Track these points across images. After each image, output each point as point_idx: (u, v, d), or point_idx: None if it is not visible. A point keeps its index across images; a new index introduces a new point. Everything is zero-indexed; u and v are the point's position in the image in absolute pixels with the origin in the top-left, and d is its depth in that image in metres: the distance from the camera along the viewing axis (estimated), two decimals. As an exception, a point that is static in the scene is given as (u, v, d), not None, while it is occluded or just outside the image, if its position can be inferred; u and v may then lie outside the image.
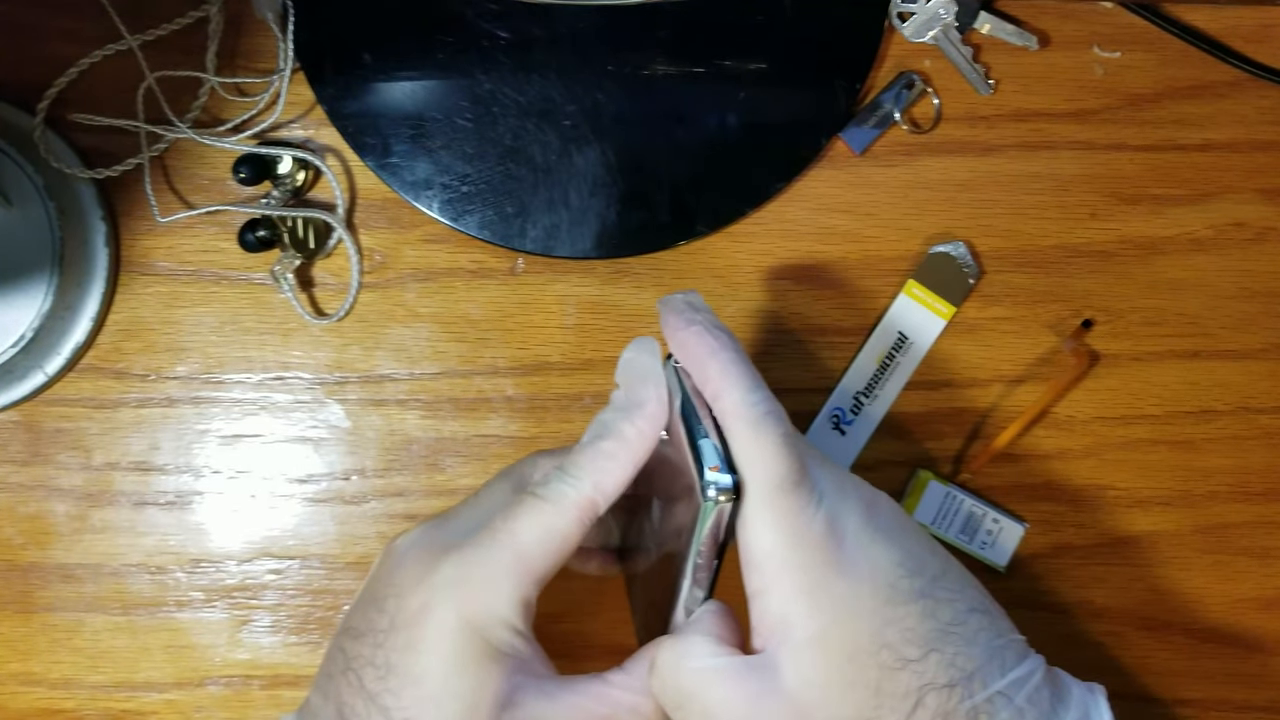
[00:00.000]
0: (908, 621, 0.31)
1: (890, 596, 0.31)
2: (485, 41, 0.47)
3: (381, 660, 0.32)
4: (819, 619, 0.31)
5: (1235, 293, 0.49)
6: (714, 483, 0.31)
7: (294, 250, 0.47)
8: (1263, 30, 0.49)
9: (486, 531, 0.33)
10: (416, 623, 0.32)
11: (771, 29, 0.48)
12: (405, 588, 0.33)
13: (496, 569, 0.32)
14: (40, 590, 0.47)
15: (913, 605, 0.32)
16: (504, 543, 0.33)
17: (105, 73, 0.47)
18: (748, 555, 0.32)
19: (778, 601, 0.32)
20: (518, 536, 0.33)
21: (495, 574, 0.32)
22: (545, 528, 0.33)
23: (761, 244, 0.48)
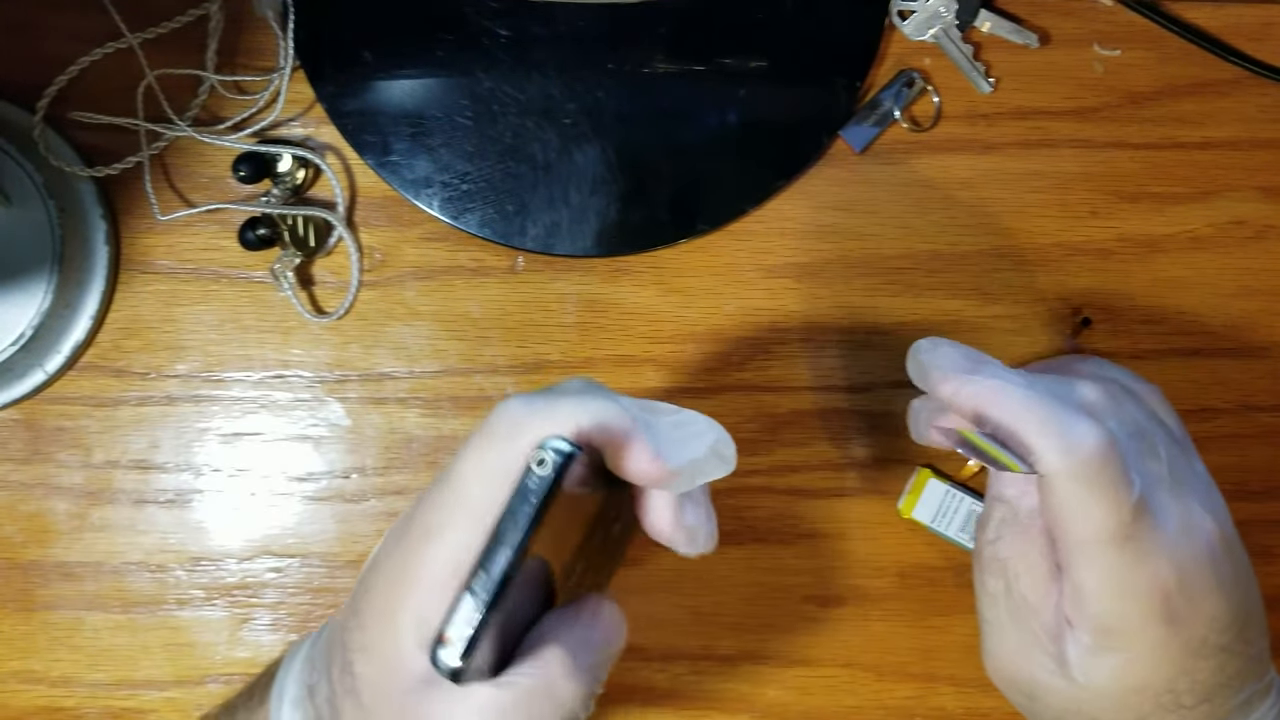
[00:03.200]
0: (1200, 675, 0.33)
1: (1199, 650, 0.33)
2: (485, 39, 0.47)
3: (355, 599, 0.33)
4: (1126, 652, 0.33)
5: (1235, 291, 0.49)
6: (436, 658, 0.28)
7: (294, 248, 0.47)
8: (1264, 28, 0.49)
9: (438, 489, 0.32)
10: (378, 566, 0.32)
11: (772, 27, 0.48)
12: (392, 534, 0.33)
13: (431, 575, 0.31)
14: (40, 588, 0.47)
15: (1211, 660, 0.33)
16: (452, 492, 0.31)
17: (105, 71, 0.47)
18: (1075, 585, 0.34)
19: (1094, 612, 0.34)
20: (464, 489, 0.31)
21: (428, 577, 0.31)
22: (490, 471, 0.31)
23: (762, 242, 0.48)
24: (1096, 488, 0.32)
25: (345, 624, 0.33)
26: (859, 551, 0.48)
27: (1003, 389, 0.34)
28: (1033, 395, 0.34)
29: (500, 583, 0.28)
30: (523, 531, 0.28)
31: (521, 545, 0.28)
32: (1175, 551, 0.33)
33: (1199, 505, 0.34)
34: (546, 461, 0.28)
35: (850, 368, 0.48)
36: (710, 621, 0.48)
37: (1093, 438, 0.32)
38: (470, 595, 0.28)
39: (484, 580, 0.28)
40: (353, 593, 0.34)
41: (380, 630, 0.31)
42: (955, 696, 0.48)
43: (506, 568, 0.28)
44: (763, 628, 0.48)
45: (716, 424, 0.32)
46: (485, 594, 0.28)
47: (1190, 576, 0.33)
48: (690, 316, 0.48)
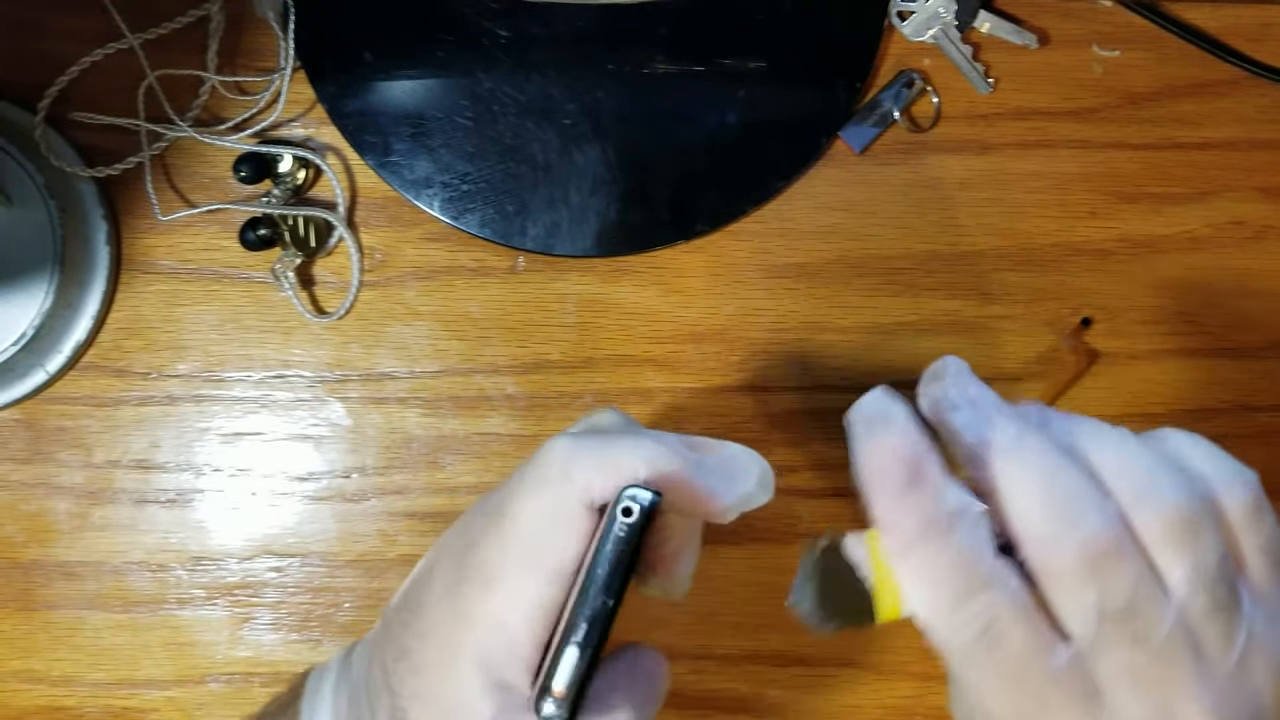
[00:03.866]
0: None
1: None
2: (485, 40, 0.47)
3: (402, 642, 0.32)
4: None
5: (1234, 291, 0.49)
6: (546, 714, 0.28)
7: (295, 248, 0.47)
8: (1262, 29, 0.49)
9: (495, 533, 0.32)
10: (429, 613, 0.32)
11: (771, 27, 0.48)
12: (436, 574, 0.33)
13: (511, 596, 0.31)
14: (41, 588, 0.48)
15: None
16: (516, 538, 0.31)
17: (106, 71, 0.47)
18: None
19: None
20: (532, 536, 0.31)
21: (511, 600, 0.31)
22: (556, 519, 0.31)
23: (762, 242, 0.48)
24: (987, 668, 0.28)
25: (390, 667, 0.32)
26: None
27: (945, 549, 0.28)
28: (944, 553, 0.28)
29: (602, 633, 0.29)
30: (620, 581, 0.29)
31: (619, 595, 0.29)
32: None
33: (1201, 705, 0.27)
34: (634, 511, 0.29)
35: (850, 368, 0.48)
36: (710, 621, 0.48)
37: (984, 616, 0.27)
38: (575, 648, 0.29)
39: (585, 631, 0.29)
40: (389, 633, 0.33)
41: (439, 677, 0.31)
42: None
43: (607, 617, 0.29)
44: (763, 628, 0.48)
45: (758, 456, 0.33)
46: (589, 646, 0.29)
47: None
48: (690, 316, 0.48)
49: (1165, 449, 0.30)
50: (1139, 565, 0.27)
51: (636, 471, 0.30)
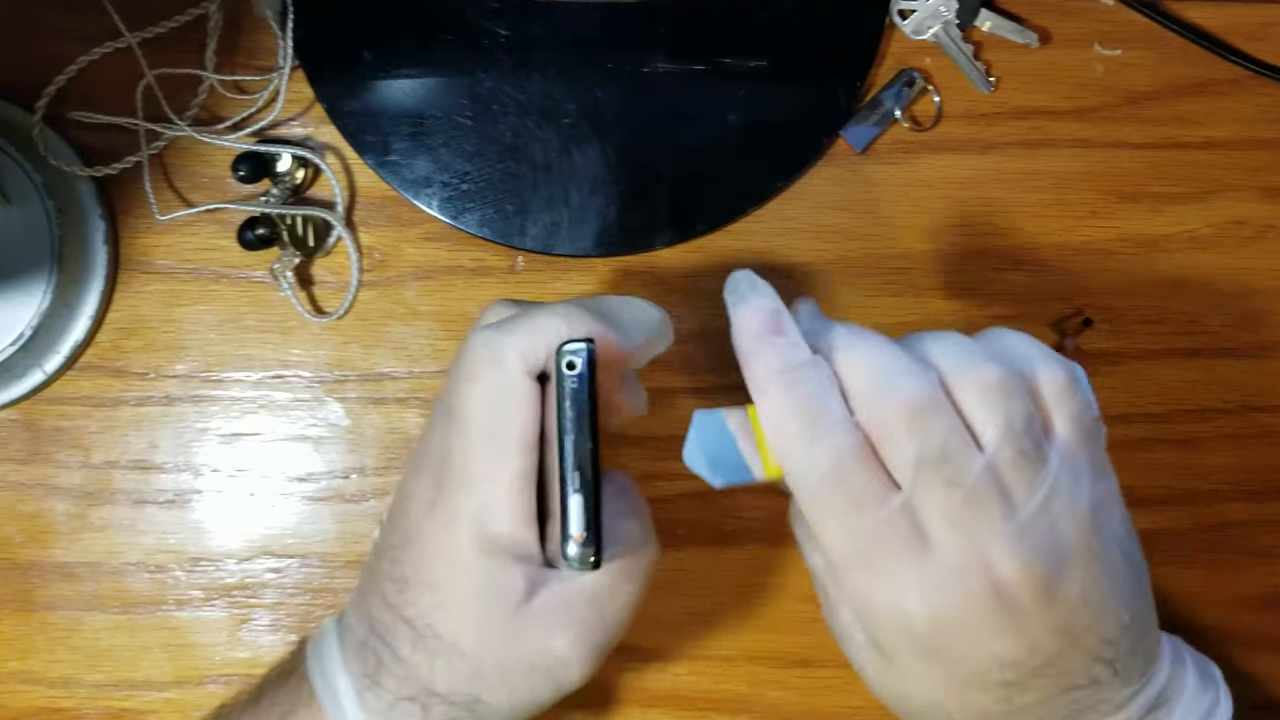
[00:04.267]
0: (976, 704, 0.33)
1: (970, 682, 0.32)
2: (485, 39, 0.47)
3: (399, 574, 0.34)
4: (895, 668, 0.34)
5: (1236, 291, 0.49)
6: (574, 557, 0.31)
7: (293, 248, 0.47)
8: (1264, 28, 0.49)
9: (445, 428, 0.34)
10: (422, 533, 0.34)
11: (772, 26, 0.48)
12: (413, 499, 0.34)
13: (496, 471, 0.33)
14: (39, 589, 0.47)
15: (990, 693, 0.33)
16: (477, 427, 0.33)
17: (104, 70, 0.47)
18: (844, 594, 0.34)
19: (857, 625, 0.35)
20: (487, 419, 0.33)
21: (494, 478, 0.33)
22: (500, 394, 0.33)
23: (762, 242, 0.48)
24: (831, 506, 0.31)
25: (396, 601, 0.34)
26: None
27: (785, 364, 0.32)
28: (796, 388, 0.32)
29: (593, 472, 0.31)
30: (590, 425, 0.32)
31: (594, 436, 0.32)
32: (931, 586, 0.31)
33: (1007, 541, 0.31)
34: (577, 361, 0.32)
35: (850, 368, 0.48)
36: (710, 622, 0.48)
37: (828, 456, 0.31)
38: (577, 495, 0.31)
39: (579, 476, 0.31)
40: (379, 577, 0.35)
41: (454, 579, 0.33)
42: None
43: (592, 457, 0.31)
44: (763, 628, 0.48)
45: (653, 303, 0.36)
46: (586, 486, 0.31)
47: (951, 616, 0.31)
48: (690, 316, 0.48)
49: (996, 342, 0.34)
50: (951, 419, 0.31)
51: (559, 330, 0.33)
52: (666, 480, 0.47)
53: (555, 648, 0.33)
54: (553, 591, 0.33)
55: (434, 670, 0.33)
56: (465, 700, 0.33)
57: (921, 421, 0.31)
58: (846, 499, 0.31)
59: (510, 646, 0.33)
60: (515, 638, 0.33)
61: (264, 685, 0.37)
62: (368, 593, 0.35)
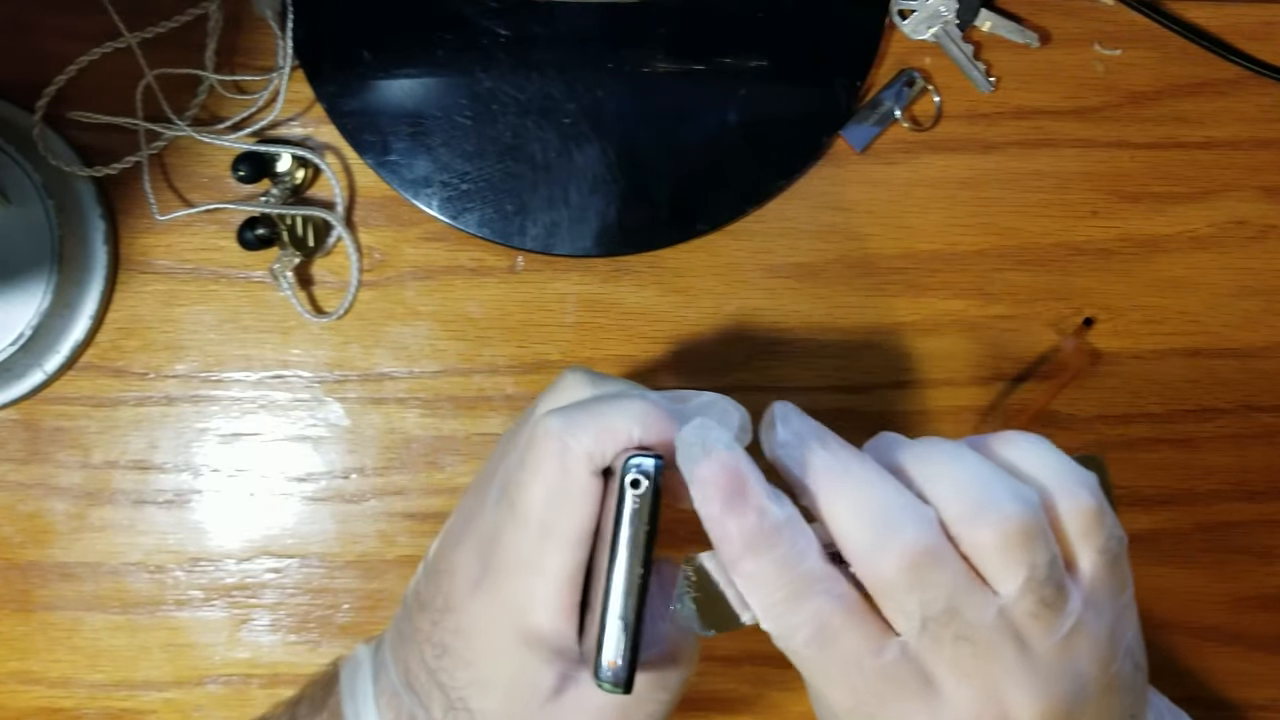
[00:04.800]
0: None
1: None
2: (485, 39, 0.47)
3: (438, 640, 0.33)
4: None
5: (1236, 290, 0.49)
6: (606, 680, 0.30)
7: (293, 248, 0.47)
8: (1264, 28, 0.49)
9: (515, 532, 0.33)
10: (465, 607, 0.33)
11: (772, 26, 0.48)
12: (459, 571, 0.34)
13: (542, 564, 0.32)
14: (39, 589, 0.47)
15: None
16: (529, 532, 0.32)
17: (104, 70, 0.47)
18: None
19: None
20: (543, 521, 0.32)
21: (540, 568, 0.32)
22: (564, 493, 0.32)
23: (762, 242, 0.48)
24: (824, 667, 0.29)
25: (434, 666, 0.33)
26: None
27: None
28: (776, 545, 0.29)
29: (640, 600, 0.30)
30: (646, 550, 0.30)
31: (648, 563, 0.30)
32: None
33: (1023, 685, 0.29)
34: (641, 482, 0.30)
35: (850, 368, 0.48)
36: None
37: (812, 621, 0.29)
38: (620, 622, 0.30)
39: (624, 603, 0.30)
40: (416, 630, 0.34)
41: (493, 662, 0.32)
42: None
43: (641, 585, 0.30)
44: (763, 628, 0.48)
45: (735, 403, 0.34)
46: (630, 613, 0.30)
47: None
48: (690, 316, 0.48)
49: (1008, 455, 0.31)
50: (956, 568, 0.29)
51: (631, 432, 0.31)
52: (666, 480, 0.47)
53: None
54: (583, 693, 0.32)
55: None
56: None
57: (922, 576, 0.28)
58: (840, 659, 0.29)
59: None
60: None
61: (296, 713, 0.37)
62: (407, 642, 0.35)
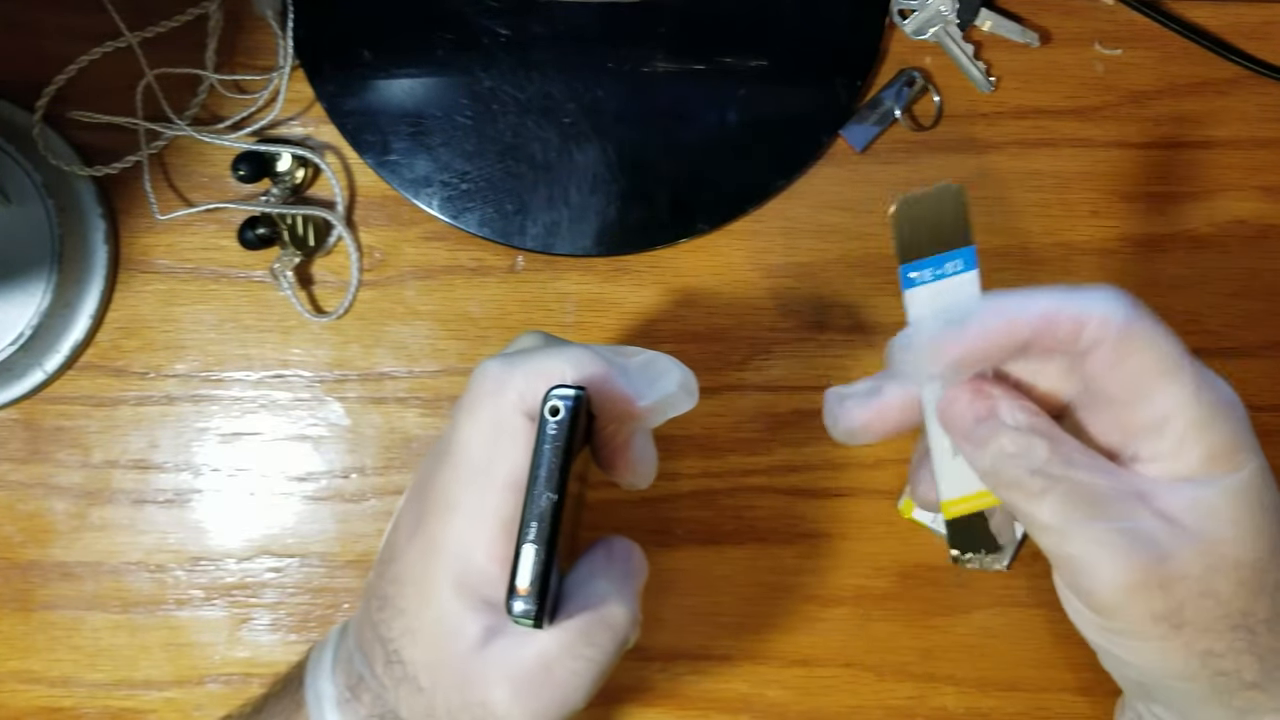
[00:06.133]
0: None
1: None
2: (485, 39, 0.47)
3: (380, 591, 0.34)
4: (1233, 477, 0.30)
5: (1236, 290, 0.49)
6: (516, 612, 0.30)
7: (293, 248, 0.47)
8: (1264, 27, 0.49)
9: (443, 464, 0.33)
10: (403, 554, 0.33)
11: (772, 26, 0.48)
12: (401, 521, 0.34)
13: (476, 515, 0.32)
14: (39, 588, 0.47)
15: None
16: (464, 463, 0.33)
17: (104, 70, 0.47)
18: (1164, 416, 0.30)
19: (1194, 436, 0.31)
20: (466, 450, 0.33)
21: (475, 520, 0.32)
22: (495, 435, 0.32)
23: (762, 242, 0.48)
24: (1154, 329, 0.30)
25: (375, 619, 0.34)
26: (859, 551, 0.48)
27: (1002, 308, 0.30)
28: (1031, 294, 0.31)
29: (552, 526, 0.30)
30: (559, 477, 0.30)
31: (560, 487, 0.30)
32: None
33: None
34: (560, 408, 0.30)
35: (850, 368, 0.48)
36: (710, 621, 0.48)
37: (1119, 294, 0.30)
38: (530, 545, 0.30)
39: (536, 528, 0.30)
40: (370, 590, 0.35)
41: (422, 609, 0.32)
42: (956, 696, 0.48)
43: (553, 511, 0.30)
44: (763, 628, 0.48)
45: (679, 362, 0.34)
46: (542, 540, 0.30)
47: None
48: (690, 316, 0.48)
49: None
50: None
51: (563, 373, 0.32)
52: (667, 480, 0.47)
53: (494, 699, 0.31)
54: (505, 643, 0.32)
55: (399, 696, 0.33)
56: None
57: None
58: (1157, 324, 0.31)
59: (457, 691, 0.32)
60: (463, 682, 0.32)
61: (267, 695, 0.37)
62: (363, 604, 0.35)
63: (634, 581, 0.35)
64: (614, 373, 0.33)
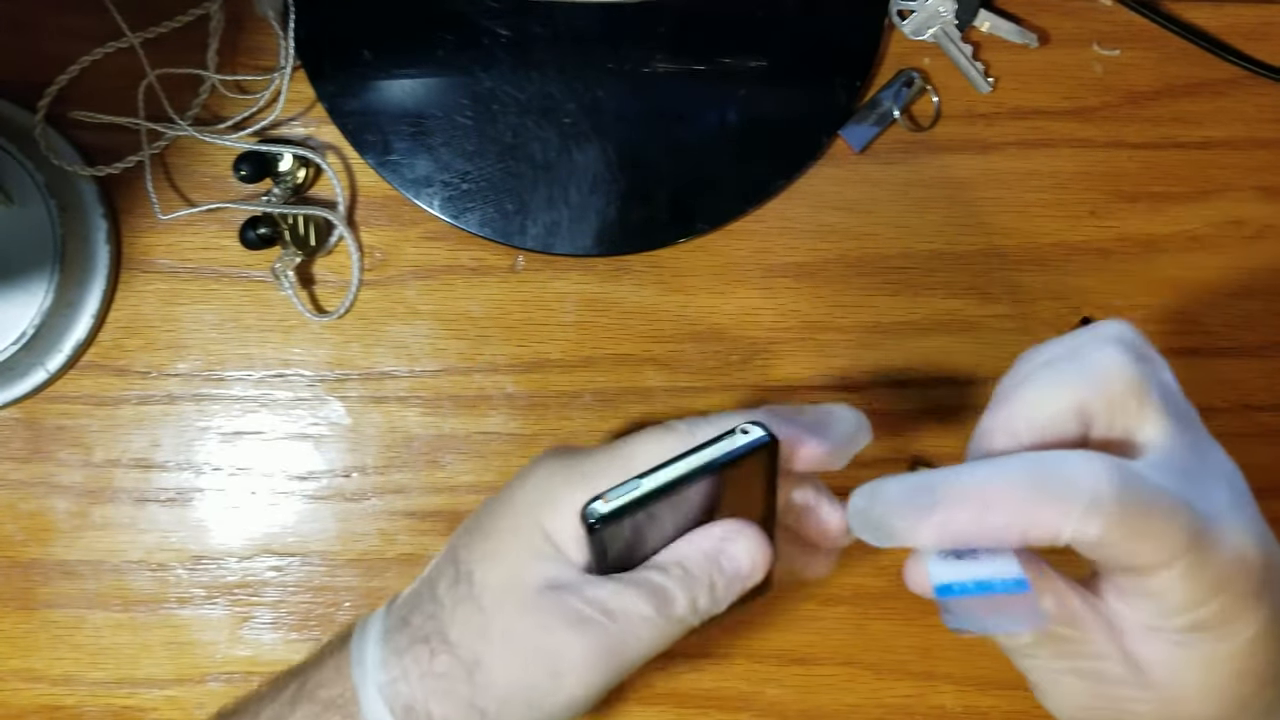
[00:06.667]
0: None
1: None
2: (485, 39, 0.47)
3: (470, 524, 0.36)
4: (1220, 643, 0.28)
5: (1234, 290, 0.49)
6: (587, 509, 0.31)
7: (294, 247, 0.47)
8: (1262, 28, 0.49)
9: (609, 446, 0.35)
10: (509, 492, 0.36)
11: (772, 26, 0.48)
12: (521, 472, 0.36)
13: (598, 470, 0.34)
14: (41, 587, 0.48)
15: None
16: (618, 452, 0.34)
17: (106, 70, 0.47)
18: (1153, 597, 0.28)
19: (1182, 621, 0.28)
20: (633, 450, 0.34)
21: (594, 474, 0.34)
22: (664, 450, 0.33)
23: (761, 242, 0.48)
24: (1137, 525, 0.27)
25: (456, 542, 0.36)
26: (858, 550, 0.48)
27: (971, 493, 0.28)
28: (1008, 473, 0.28)
29: (667, 485, 0.31)
30: (702, 469, 0.31)
31: (695, 469, 0.31)
32: (1240, 518, 0.28)
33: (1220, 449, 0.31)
34: (750, 431, 0.32)
35: (850, 368, 0.48)
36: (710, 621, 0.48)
37: (1098, 477, 0.26)
38: (638, 479, 0.31)
39: (655, 476, 0.31)
40: (461, 526, 0.37)
41: (509, 542, 0.34)
42: (954, 695, 0.48)
43: (678, 476, 0.31)
44: (762, 627, 0.48)
45: (846, 405, 0.36)
46: (651, 484, 0.31)
47: (1261, 532, 0.28)
48: (690, 316, 0.48)
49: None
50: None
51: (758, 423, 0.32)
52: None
53: (555, 634, 0.33)
54: (574, 590, 0.33)
55: (455, 615, 0.34)
56: (468, 659, 0.34)
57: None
58: (1147, 509, 0.27)
59: (519, 618, 0.33)
60: (527, 612, 0.33)
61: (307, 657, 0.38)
62: (437, 556, 0.37)
63: (718, 567, 0.34)
64: (792, 426, 0.34)
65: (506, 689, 0.33)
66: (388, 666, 0.34)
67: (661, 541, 0.34)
